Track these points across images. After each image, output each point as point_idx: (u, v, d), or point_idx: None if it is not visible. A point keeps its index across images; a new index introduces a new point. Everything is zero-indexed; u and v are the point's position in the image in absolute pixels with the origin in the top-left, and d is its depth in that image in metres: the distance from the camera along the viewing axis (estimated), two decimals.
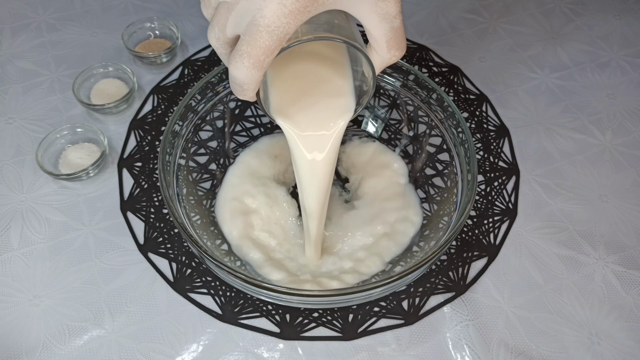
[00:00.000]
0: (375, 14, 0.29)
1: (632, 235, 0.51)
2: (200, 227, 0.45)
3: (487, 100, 0.60)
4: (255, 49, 0.28)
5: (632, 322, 0.46)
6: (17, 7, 0.68)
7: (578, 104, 0.61)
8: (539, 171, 0.55)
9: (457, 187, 0.44)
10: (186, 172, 0.47)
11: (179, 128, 0.45)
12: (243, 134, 0.54)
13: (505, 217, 0.51)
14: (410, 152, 0.52)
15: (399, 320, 0.45)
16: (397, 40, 0.31)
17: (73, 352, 0.43)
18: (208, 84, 0.47)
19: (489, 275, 0.48)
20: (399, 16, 0.30)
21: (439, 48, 0.65)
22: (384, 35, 0.30)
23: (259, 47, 0.28)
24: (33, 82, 0.60)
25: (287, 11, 0.27)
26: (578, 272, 0.48)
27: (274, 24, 0.27)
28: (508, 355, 0.44)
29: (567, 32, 0.68)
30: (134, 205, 0.51)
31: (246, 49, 0.28)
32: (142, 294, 0.46)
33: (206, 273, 0.47)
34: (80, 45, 0.64)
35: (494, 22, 0.69)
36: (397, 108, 0.52)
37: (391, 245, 0.46)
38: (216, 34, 0.29)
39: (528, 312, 0.46)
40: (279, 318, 0.44)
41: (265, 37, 0.27)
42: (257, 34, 0.27)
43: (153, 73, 0.61)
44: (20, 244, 0.48)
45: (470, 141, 0.43)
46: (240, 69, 0.29)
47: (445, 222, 0.44)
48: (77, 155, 0.53)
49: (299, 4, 0.27)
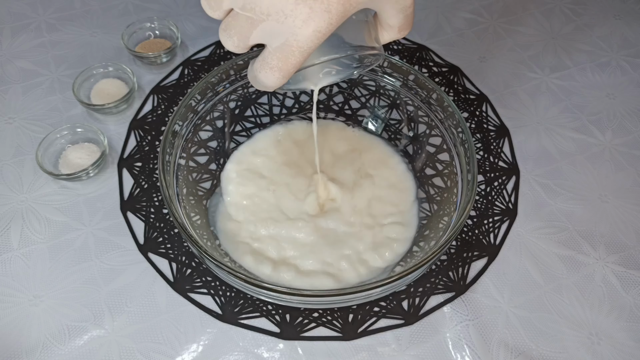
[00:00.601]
0: (393, 8, 0.31)
1: (632, 235, 0.51)
2: (200, 227, 0.45)
3: (487, 100, 0.60)
4: (287, 65, 0.30)
5: (632, 322, 0.46)
6: (17, 7, 0.68)
7: (578, 104, 0.61)
8: (539, 171, 0.55)
9: (457, 187, 0.44)
10: (186, 172, 0.47)
11: (179, 128, 0.45)
12: (243, 134, 0.54)
13: (505, 217, 0.51)
14: (410, 152, 0.52)
15: (399, 320, 0.45)
16: (407, 24, 0.33)
17: (73, 352, 0.43)
18: (208, 84, 0.47)
19: (489, 275, 0.48)
20: (412, 5, 0.32)
21: (439, 48, 0.65)
22: (397, 22, 0.32)
23: (291, 64, 0.30)
24: (33, 82, 0.60)
25: (322, 35, 0.29)
26: (578, 272, 0.48)
27: (306, 46, 0.29)
28: (508, 355, 0.44)
29: (567, 32, 0.68)
30: (134, 205, 0.51)
31: (277, 64, 0.30)
32: (142, 294, 0.46)
33: (206, 273, 0.47)
34: (80, 45, 0.64)
35: (494, 22, 0.69)
36: (397, 108, 0.52)
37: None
38: (235, 43, 0.31)
39: (528, 312, 0.46)
40: (279, 318, 0.44)
41: (298, 56, 0.29)
42: (289, 54, 0.29)
43: (153, 73, 0.61)
44: (20, 244, 0.48)
45: (470, 141, 0.43)
46: (270, 78, 0.30)
47: (445, 222, 0.44)
48: (77, 155, 0.53)
49: (332, 27, 0.29)
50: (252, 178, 0.50)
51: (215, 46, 0.64)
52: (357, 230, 0.47)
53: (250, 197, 0.49)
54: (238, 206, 0.49)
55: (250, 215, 0.48)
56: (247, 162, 0.51)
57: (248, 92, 0.52)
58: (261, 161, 0.51)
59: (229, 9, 0.30)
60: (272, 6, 0.28)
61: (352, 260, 0.46)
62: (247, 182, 0.50)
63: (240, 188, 0.50)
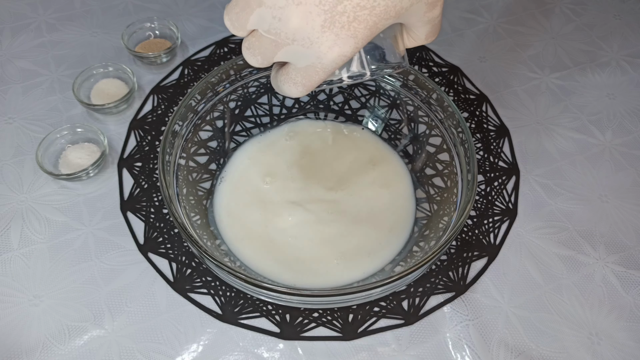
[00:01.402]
0: (421, 21, 0.31)
1: (632, 235, 0.51)
2: (200, 227, 0.45)
3: (487, 100, 0.60)
4: (311, 82, 0.30)
5: (632, 322, 0.46)
6: (17, 7, 0.68)
7: (578, 104, 0.61)
8: (539, 171, 0.55)
9: (457, 187, 0.44)
10: (186, 172, 0.47)
11: (178, 128, 0.45)
12: (243, 134, 0.54)
13: (505, 217, 0.51)
14: (410, 152, 0.52)
15: (399, 320, 0.45)
16: (435, 31, 0.33)
17: (73, 352, 0.43)
18: (208, 84, 0.47)
19: (489, 275, 0.48)
20: (440, 14, 0.32)
21: (439, 48, 0.65)
22: (424, 32, 0.32)
23: (314, 81, 0.30)
24: (33, 82, 0.60)
25: (346, 58, 0.29)
26: (578, 272, 0.48)
27: (330, 67, 0.29)
28: (508, 355, 0.44)
29: (567, 32, 0.68)
30: (134, 205, 0.51)
31: (302, 81, 0.30)
32: (142, 294, 0.46)
33: (206, 273, 0.47)
34: (80, 45, 0.64)
35: (494, 22, 0.69)
36: (397, 108, 0.52)
37: None
38: (259, 61, 0.31)
39: (528, 312, 0.46)
40: (279, 318, 0.44)
41: (321, 74, 0.30)
42: (314, 74, 0.29)
43: (153, 73, 0.61)
44: (20, 244, 0.48)
45: (470, 141, 0.43)
46: (293, 91, 0.31)
47: (445, 222, 0.44)
48: (77, 155, 0.53)
49: (357, 49, 0.29)
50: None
51: (215, 46, 0.64)
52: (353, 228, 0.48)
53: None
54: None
55: None
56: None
57: (248, 92, 0.52)
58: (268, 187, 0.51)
59: (253, 29, 0.30)
60: (298, 32, 0.28)
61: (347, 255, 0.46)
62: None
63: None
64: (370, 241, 0.47)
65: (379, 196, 0.50)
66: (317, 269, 0.46)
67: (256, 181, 0.51)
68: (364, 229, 0.48)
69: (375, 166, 0.52)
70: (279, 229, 0.48)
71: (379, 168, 0.52)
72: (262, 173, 0.51)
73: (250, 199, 0.50)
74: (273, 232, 0.48)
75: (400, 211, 0.49)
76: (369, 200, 0.50)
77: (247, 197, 0.50)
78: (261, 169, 0.51)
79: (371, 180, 0.51)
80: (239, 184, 0.51)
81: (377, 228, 0.48)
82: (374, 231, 0.48)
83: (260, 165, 0.52)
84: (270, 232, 0.48)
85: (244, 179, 0.51)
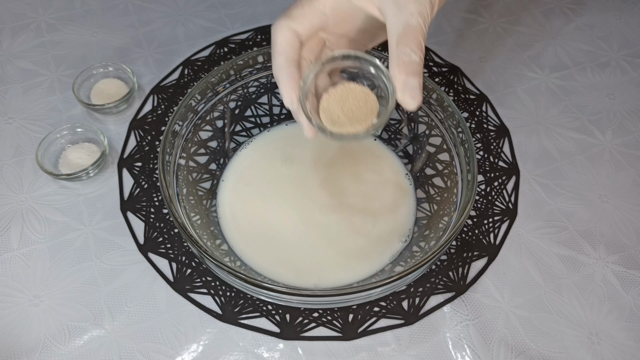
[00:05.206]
0: None
1: (632, 235, 0.51)
2: (200, 227, 0.45)
3: (487, 100, 0.60)
4: None
5: (632, 322, 0.46)
6: (17, 7, 0.68)
7: (578, 104, 0.61)
8: (539, 171, 0.55)
9: (457, 187, 0.44)
10: (186, 172, 0.47)
11: (179, 128, 0.45)
12: (243, 134, 0.54)
13: (505, 217, 0.51)
14: (410, 152, 0.52)
15: (399, 320, 0.45)
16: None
17: (73, 352, 0.43)
18: (208, 84, 0.47)
19: (489, 275, 0.48)
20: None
21: (439, 48, 0.65)
22: None
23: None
24: (33, 82, 0.60)
25: None
26: (578, 272, 0.48)
27: None
28: (508, 355, 0.44)
29: (567, 32, 0.68)
30: (134, 205, 0.51)
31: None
32: (142, 294, 0.46)
33: (206, 273, 0.47)
34: (80, 45, 0.64)
35: (494, 22, 0.69)
36: (397, 108, 0.52)
37: None
38: None
39: (528, 312, 0.46)
40: (279, 318, 0.44)
41: None
42: None
43: (153, 73, 0.61)
44: (20, 244, 0.48)
45: (470, 141, 0.43)
46: None
47: (445, 222, 0.44)
48: (77, 155, 0.53)
49: None
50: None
51: (215, 46, 0.64)
52: (352, 228, 0.48)
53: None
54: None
55: None
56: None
57: (248, 92, 0.52)
58: None
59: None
60: None
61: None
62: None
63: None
64: (370, 241, 0.47)
65: (379, 196, 0.50)
66: (317, 269, 0.46)
67: (257, 181, 0.51)
68: (364, 229, 0.48)
69: (375, 166, 0.52)
70: (279, 229, 0.48)
71: (378, 168, 0.52)
72: (263, 173, 0.51)
73: (250, 199, 0.50)
74: (273, 232, 0.48)
75: (400, 211, 0.49)
76: (369, 200, 0.50)
77: (247, 197, 0.50)
78: (261, 169, 0.51)
79: (371, 180, 0.51)
80: (239, 184, 0.51)
81: (377, 228, 0.48)
82: (374, 231, 0.48)
83: (260, 166, 0.52)
84: (271, 232, 0.48)
85: (244, 179, 0.51)
